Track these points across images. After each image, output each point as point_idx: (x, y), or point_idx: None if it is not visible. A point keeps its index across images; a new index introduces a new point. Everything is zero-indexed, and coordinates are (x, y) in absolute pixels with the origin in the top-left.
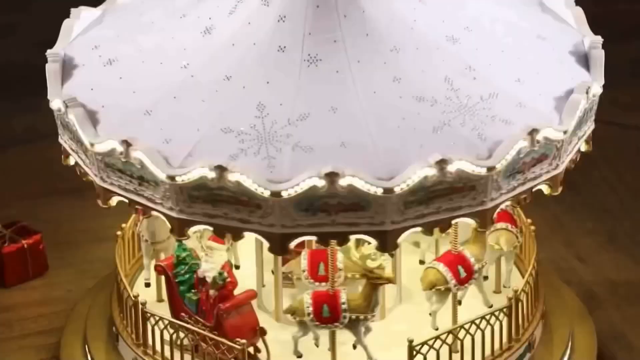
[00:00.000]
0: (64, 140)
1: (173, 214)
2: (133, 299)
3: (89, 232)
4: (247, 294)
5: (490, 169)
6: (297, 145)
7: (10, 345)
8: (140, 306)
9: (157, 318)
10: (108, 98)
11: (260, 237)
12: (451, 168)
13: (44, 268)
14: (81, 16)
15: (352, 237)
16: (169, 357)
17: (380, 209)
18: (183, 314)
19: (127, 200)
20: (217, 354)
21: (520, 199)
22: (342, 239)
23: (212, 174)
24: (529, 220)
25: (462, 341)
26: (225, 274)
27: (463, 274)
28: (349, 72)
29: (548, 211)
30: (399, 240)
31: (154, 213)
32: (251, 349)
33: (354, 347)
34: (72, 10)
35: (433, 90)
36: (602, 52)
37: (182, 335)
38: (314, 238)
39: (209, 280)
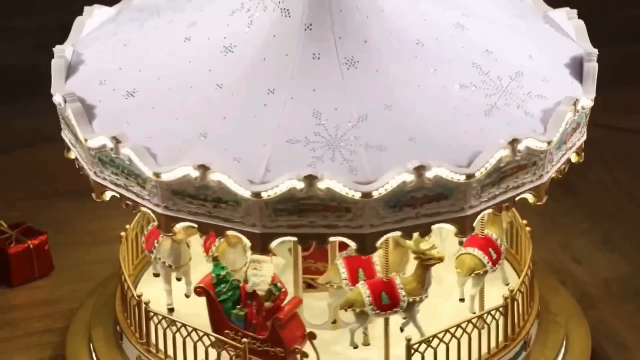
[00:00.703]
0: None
1: (256, 230)
2: (137, 298)
3: (92, 234)
4: (295, 301)
5: (469, 176)
6: (368, 145)
7: (16, 343)
8: (143, 305)
9: (160, 317)
10: (151, 129)
11: (347, 240)
12: (429, 174)
13: (49, 268)
14: (94, 14)
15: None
16: (172, 356)
17: (461, 195)
18: (227, 330)
19: (195, 225)
20: None
21: (503, 207)
22: (426, 230)
23: (301, 185)
24: (525, 221)
25: (459, 340)
26: (279, 285)
27: (494, 255)
28: (388, 69)
29: (544, 212)
30: (475, 222)
31: (230, 233)
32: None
33: (401, 330)
34: (86, 8)
35: (469, 77)
36: (596, 65)
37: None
38: (398, 233)
39: (261, 293)
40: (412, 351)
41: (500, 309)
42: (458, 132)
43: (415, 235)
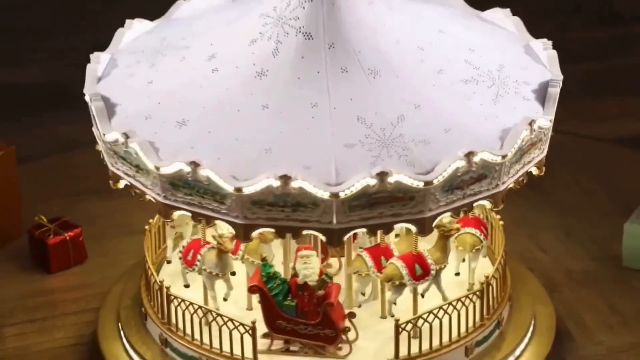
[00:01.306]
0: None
1: (332, 226)
2: (159, 283)
3: (120, 227)
4: (337, 286)
5: (427, 183)
6: (415, 141)
7: (55, 322)
8: (165, 290)
9: (179, 300)
10: (217, 151)
11: (410, 225)
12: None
13: (83, 257)
14: (133, 27)
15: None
16: (190, 334)
17: (497, 174)
18: (280, 321)
19: (273, 230)
20: (318, 345)
21: (461, 212)
22: (469, 208)
23: (373, 181)
24: (498, 217)
25: (441, 320)
26: (329, 274)
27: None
28: (405, 74)
29: (515, 209)
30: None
31: (310, 232)
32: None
33: (422, 296)
34: (127, 21)
35: (468, 72)
36: (558, 90)
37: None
38: (449, 213)
39: (312, 283)
40: (400, 330)
41: (477, 293)
42: (480, 119)
43: None
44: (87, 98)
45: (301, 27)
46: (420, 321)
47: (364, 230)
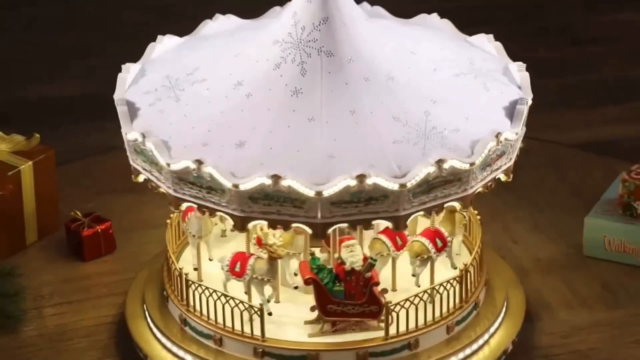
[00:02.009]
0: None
1: (399, 213)
2: (178, 270)
3: (145, 221)
4: (364, 259)
5: (402, 185)
6: (448, 129)
7: (88, 304)
8: (184, 275)
9: (196, 284)
10: (288, 162)
11: (457, 203)
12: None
13: (113, 247)
14: (164, 42)
15: None
16: (206, 314)
17: (512, 150)
18: (331, 305)
19: (347, 225)
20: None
21: (433, 212)
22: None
23: (433, 168)
24: (476, 211)
25: (425, 302)
26: (374, 257)
27: (440, 244)
28: (412, 77)
29: (489, 204)
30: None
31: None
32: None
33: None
34: (159, 36)
35: (455, 68)
36: (525, 108)
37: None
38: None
39: (358, 268)
40: (390, 311)
41: (457, 278)
42: (485, 105)
43: None
44: (115, 102)
45: (321, 47)
46: (408, 303)
47: (421, 213)
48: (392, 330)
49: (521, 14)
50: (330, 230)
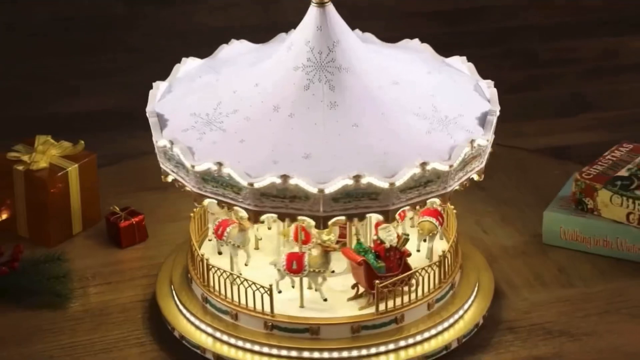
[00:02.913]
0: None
1: (390, 207)
2: (200, 256)
3: (172, 214)
4: (399, 237)
5: (391, 184)
6: (456, 117)
7: (124, 284)
8: (205, 261)
9: (216, 268)
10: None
11: (437, 200)
12: (364, 181)
13: (145, 236)
14: (187, 62)
15: None
16: (224, 294)
17: (483, 154)
18: (376, 280)
19: (344, 218)
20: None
21: (417, 207)
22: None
23: (418, 170)
24: (452, 207)
25: (409, 284)
26: (407, 232)
27: (441, 220)
28: (407, 79)
29: (464, 201)
30: None
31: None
32: None
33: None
34: (183, 59)
35: (443, 81)
36: (494, 119)
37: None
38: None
39: (394, 244)
40: (379, 290)
41: (436, 263)
42: (475, 97)
43: None
44: (147, 114)
45: (340, 65)
46: (394, 283)
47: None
48: (382, 307)
49: (490, 40)
50: (330, 222)
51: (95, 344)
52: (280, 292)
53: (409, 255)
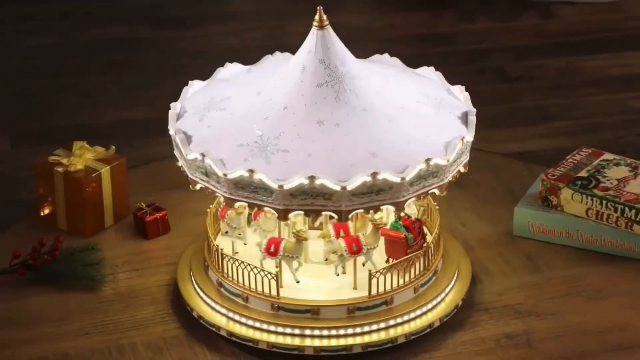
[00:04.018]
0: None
1: (401, 199)
2: (215, 246)
3: (191, 210)
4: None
5: (402, 179)
6: (447, 100)
7: (150, 271)
8: (220, 250)
9: (229, 257)
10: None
11: (437, 190)
12: (379, 177)
13: (168, 229)
14: (194, 85)
15: None
16: (236, 279)
17: (467, 150)
18: (407, 249)
19: (362, 210)
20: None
21: (421, 197)
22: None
23: (424, 165)
24: (435, 203)
25: (398, 270)
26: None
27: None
28: (394, 80)
29: (445, 198)
30: None
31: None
32: None
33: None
34: (190, 82)
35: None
36: (475, 118)
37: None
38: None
39: (417, 216)
40: (372, 276)
41: (422, 252)
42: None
43: None
44: (172, 132)
45: (354, 75)
46: (385, 270)
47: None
48: (374, 291)
49: (466, 59)
50: (351, 215)
51: (124, 322)
52: (298, 282)
53: (424, 223)
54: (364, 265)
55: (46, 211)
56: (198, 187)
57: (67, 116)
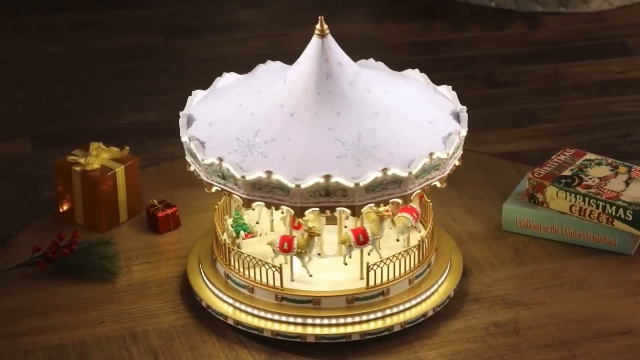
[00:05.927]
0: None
1: (407, 192)
2: (222, 240)
3: (200, 206)
4: None
5: (409, 173)
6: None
7: (162, 263)
8: (227, 244)
9: (235, 250)
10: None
11: (438, 183)
12: (389, 172)
13: (178, 225)
14: (197, 94)
15: None
16: (242, 271)
17: (461, 145)
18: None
19: (373, 205)
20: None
21: (425, 189)
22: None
23: (428, 159)
24: (429, 200)
25: (394, 263)
26: None
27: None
28: (398, 79)
29: (438, 195)
30: None
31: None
32: None
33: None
34: (193, 91)
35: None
36: (466, 114)
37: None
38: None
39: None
40: (368, 269)
41: (416, 246)
42: (439, 99)
43: None
44: (185, 139)
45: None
46: (382, 263)
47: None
48: (371, 282)
49: (458, 66)
50: (363, 210)
51: (138, 312)
52: (311, 275)
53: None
54: (369, 254)
55: (65, 207)
56: (214, 189)
57: (84, 119)
